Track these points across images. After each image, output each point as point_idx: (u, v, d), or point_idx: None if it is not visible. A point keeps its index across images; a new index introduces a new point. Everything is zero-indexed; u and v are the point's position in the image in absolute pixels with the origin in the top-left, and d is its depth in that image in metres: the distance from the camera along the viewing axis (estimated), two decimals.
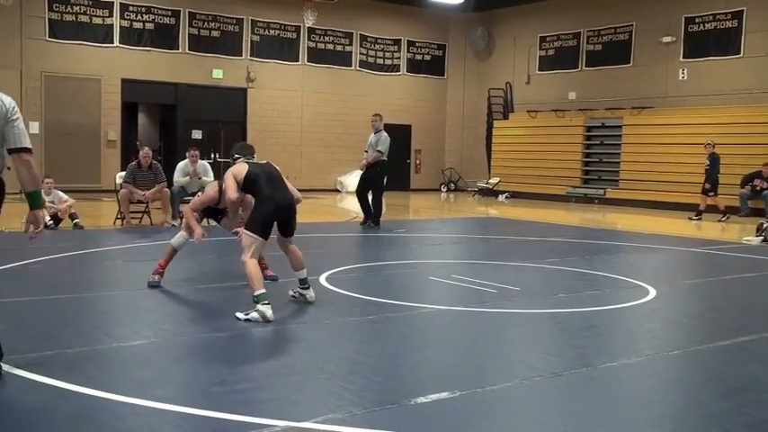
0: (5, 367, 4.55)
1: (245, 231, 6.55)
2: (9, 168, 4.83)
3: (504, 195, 23.64)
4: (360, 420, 3.91)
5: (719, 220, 16.36)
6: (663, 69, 21.96)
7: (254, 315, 6.00)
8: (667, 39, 21.76)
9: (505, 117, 25.86)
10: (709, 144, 17.12)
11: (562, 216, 17.70)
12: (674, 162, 20.08)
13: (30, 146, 4.77)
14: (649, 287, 8.03)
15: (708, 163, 17.06)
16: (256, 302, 6.05)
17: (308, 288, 6.80)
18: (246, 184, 6.63)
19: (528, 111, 24.84)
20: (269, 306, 6.05)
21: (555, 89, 24.70)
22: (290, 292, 6.92)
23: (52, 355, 4.96)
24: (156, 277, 7.37)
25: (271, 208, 6.60)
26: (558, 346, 5.70)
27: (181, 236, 7.37)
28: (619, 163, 21.94)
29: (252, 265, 6.28)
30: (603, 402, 4.43)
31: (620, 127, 21.99)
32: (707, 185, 17.03)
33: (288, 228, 6.84)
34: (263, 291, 6.15)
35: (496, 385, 4.62)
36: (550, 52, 25.24)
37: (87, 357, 5.07)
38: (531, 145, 23.90)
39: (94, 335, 5.74)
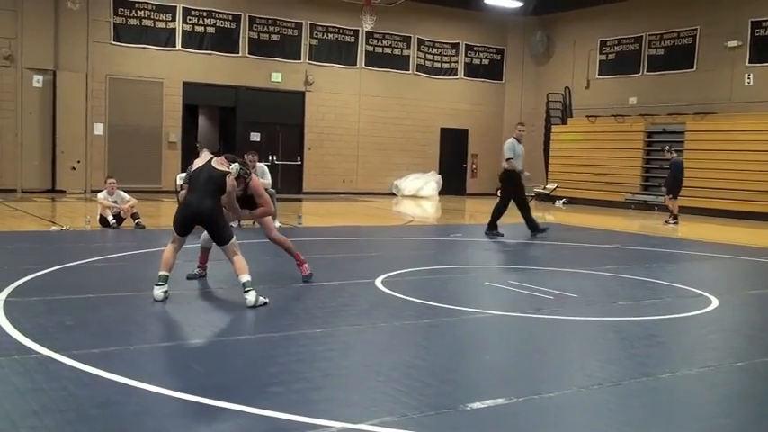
0: (70, 362, 4.67)
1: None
2: None
3: (561, 201, 23.37)
4: (415, 424, 3.90)
5: None
6: (728, 74, 21.46)
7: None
8: (733, 43, 21.25)
9: (564, 122, 25.57)
10: None
11: (621, 223, 17.42)
12: (738, 169, 19.60)
13: None
14: (711, 297, 7.84)
15: None
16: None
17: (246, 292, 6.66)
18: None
19: (587, 116, 24.51)
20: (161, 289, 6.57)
21: (615, 94, 24.33)
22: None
23: (115, 352, 5.07)
24: (197, 270, 7.81)
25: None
26: (616, 354, 5.61)
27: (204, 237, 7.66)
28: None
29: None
30: (663, 413, 4.34)
31: (683, 133, 21.55)
32: None
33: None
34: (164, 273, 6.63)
35: (554, 392, 4.56)
36: (611, 56, 24.88)
37: (149, 354, 5.18)
38: (590, 150, 23.58)
39: (155, 332, 5.86)
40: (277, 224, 13.41)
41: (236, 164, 7.08)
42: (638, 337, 6.12)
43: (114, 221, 12.41)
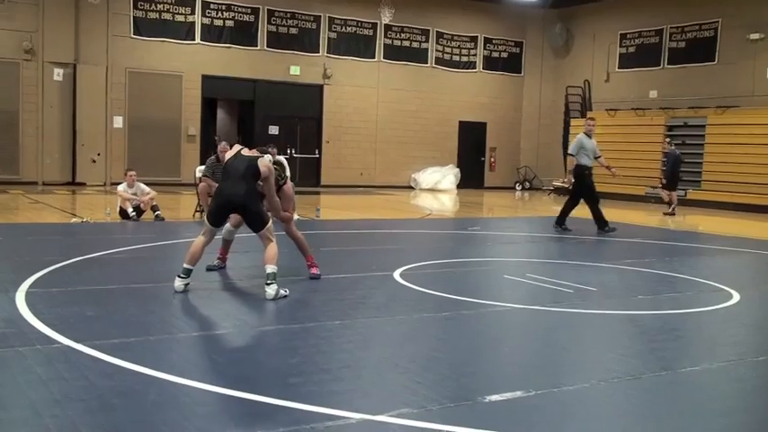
0: (91, 352, 4.72)
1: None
2: None
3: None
4: (433, 416, 3.90)
5: None
6: (750, 67, 21.23)
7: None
8: (755, 36, 21.01)
9: (583, 115, 25.32)
10: None
11: (641, 217, 17.30)
12: (759, 163, 19.39)
13: None
14: (732, 291, 7.77)
15: None
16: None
17: (268, 284, 6.63)
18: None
19: (607, 109, 24.33)
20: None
21: (635, 87, 24.16)
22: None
23: (136, 342, 5.11)
24: (217, 261, 7.85)
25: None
26: (636, 348, 5.58)
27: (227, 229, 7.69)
28: (701, 163, 21.29)
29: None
30: (684, 407, 4.32)
31: (704, 126, 21.35)
32: None
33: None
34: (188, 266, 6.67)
35: (573, 386, 4.55)
36: (631, 49, 24.70)
37: (169, 345, 5.21)
38: (610, 144, 23.29)
39: (175, 323, 5.90)
40: (296, 217, 13.47)
41: (269, 155, 7.17)
42: (658, 331, 6.09)
43: (134, 213, 12.49)
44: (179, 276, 6.65)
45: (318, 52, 23.79)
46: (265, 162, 6.91)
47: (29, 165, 20.19)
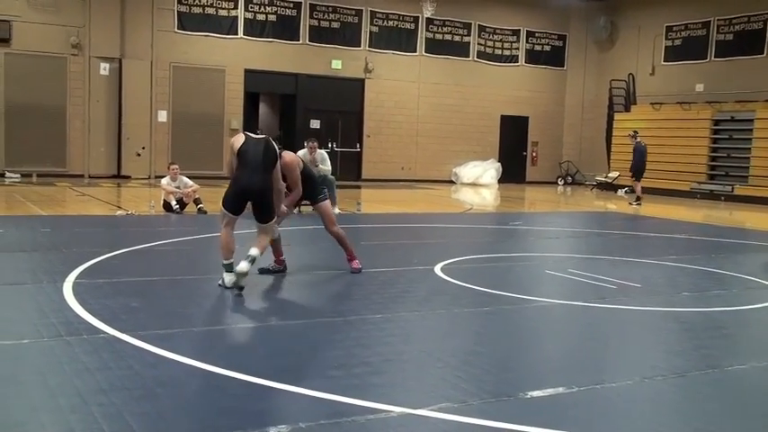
0: (137, 342, 4.79)
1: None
2: None
3: (623, 190, 22.91)
4: (474, 411, 3.89)
5: None
6: None
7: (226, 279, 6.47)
8: None
9: (627, 109, 25.06)
10: None
11: (685, 213, 17.03)
12: None
13: None
14: None
15: None
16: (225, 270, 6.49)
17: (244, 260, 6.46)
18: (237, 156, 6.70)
19: (651, 103, 23.97)
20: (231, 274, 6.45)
21: (681, 80, 23.75)
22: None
23: (179, 333, 5.18)
24: (273, 264, 7.51)
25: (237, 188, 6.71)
26: (681, 345, 5.49)
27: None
28: (749, 158, 20.86)
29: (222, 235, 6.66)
30: (730, 406, 4.24)
31: (752, 120, 20.91)
32: None
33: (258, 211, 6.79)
34: (229, 261, 6.49)
35: (616, 383, 4.49)
36: (677, 42, 24.28)
37: (211, 336, 5.27)
38: (655, 138, 22.99)
39: (217, 315, 5.96)
40: (337, 210, 13.51)
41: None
42: (703, 329, 5.99)
43: (177, 206, 12.64)
44: (226, 273, 6.53)
45: (360, 46, 23.80)
46: (292, 156, 6.88)
47: (76, 158, 20.55)
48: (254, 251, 6.51)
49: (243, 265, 6.34)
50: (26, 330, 5.07)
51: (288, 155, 7.25)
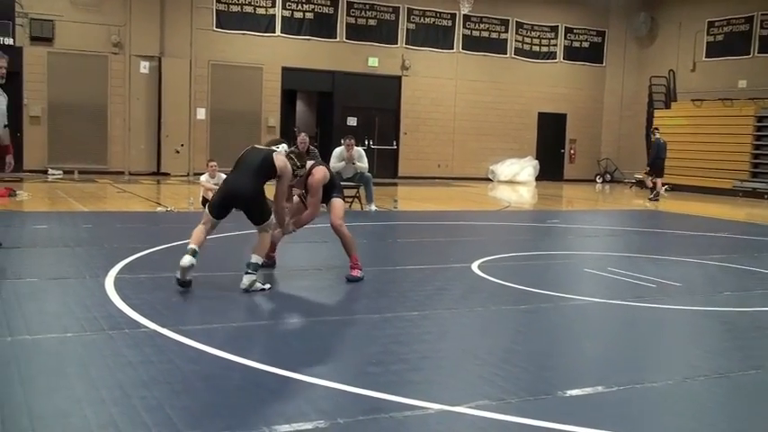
0: (176, 336, 4.85)
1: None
2: None
3: (663, 188, 22.64)
4: (512, 408, 3.87)
5: None
6: None
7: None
8: None
9: (667, 106, 24.73)
10: None
11: (727, 211, 16.76)
12: None
13: None
14: None
15: None
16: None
17: (247, 273, 6.43)
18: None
19: (693, 100, 23.62)
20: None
21: (723, 77, 23.37)
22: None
23: (218, 328, 5.23)
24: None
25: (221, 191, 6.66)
26: (723, 345, 5.41)
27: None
28: None
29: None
30: None
31: None
32: None
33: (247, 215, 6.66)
34: (192, 246, 6.33)
35: (657, 382, 4.44)
36: (719, 38, 23.90)
37: (250, 331, 5.32)
38: (696, 135, 22.73)
39: (255, 311, 6.01)
40: (373, 208, 13.55)
41: (284, 144, 6.83)
42: (745, 329, 5.89)
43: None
44: (187, 254, 6.33)
45: (397, 44, 23.80)
46: (281, 157, 6.59)
47: (116, 155, 20.86)
48: (254, 258, 6.45)
49: (244, 281, 6.34)
50: (70, 324, 5.17)
51: (317, 173, 6.87)
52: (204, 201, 12.85)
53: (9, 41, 18.73)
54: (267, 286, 6.51)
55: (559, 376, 4.56)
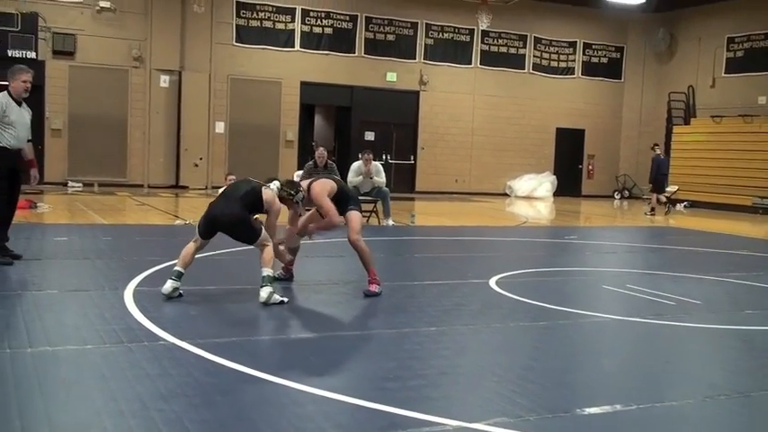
0: (194, 349, 4.87)
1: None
2: None
3: (682, 204, 22.53)
4: (531, 426, 3.85)
5: None
6: None
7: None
8: None
9: (686, 122, 24.63)
10: None
11: (747, 228, 16.62)
12: None
13: None
14: None
15: None
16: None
17: (262, 287, 6.47)
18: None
19: (712, 116, 23.50)
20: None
21: (743, 93, 23.24)
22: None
23: (237, 342, 5.24)
24: (280, 272, 7.41)
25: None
26: (745, 364, 5.36)
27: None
28: None
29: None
30: None
31: None
32: None
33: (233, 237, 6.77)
34: (178, 268, 6.52)
35: (676, 401, 4.40)
36: (739, 53, 23.80)
37: (268, 345, 5.33)
38: (715, 152, 22.60)
39: (273, 325, 6.02)
40: (390, 222, 13.56)
41: (277, 182, 6.86)
42: (767, 348, 5.82)
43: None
44: (170, 278, 6.48)
45: (415, 59, 23.88)
46: (270, 192, 6.67)
47: (136, 168, 21.02)
48: (265, 271, 6.48)
49: (262, 294, 6.36)
50: (89, 336, 5.20)
51: (314, 187, 6.90)
52: None
53: (32, 55, 19.00)
54: (285, 299, 6.53)
55: (578, 394, 4.53)
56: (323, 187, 6.94)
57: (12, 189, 7.99)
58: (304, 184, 7.07)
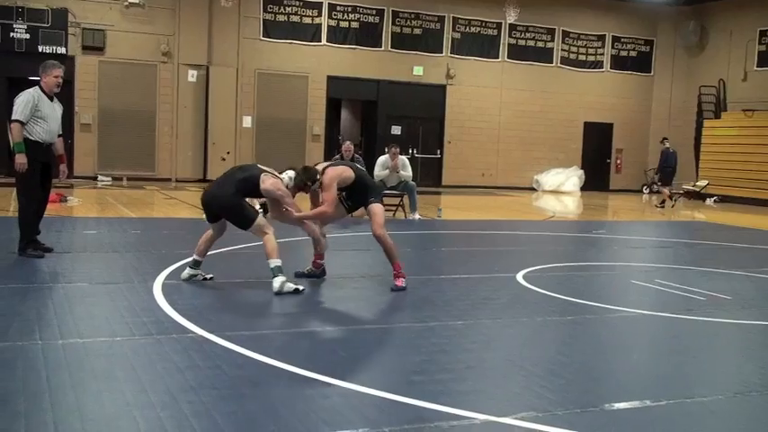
0: (223, 342, 4.90)
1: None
2: None
3: (712, 199, 22.26)
4: (560, 420, 3.83)
5: None
6: None
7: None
8: None
9: (717, 116, 24.32)
10: None
11: None
12: None
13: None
14: None
15: None
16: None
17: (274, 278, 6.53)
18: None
19: (743, 110, 23.18)
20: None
21: None
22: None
23: (264, 335, 5.27)
24: (309, 268, 7.45)
25: None
26: None
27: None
28: None
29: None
30: None
31: None
32: None
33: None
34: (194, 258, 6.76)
35: (707, 397, 4.35)
36: None
37: (295, 338, 5.34)
38: (746, 146, 22.30)
39: (301, 318, 6.04)
40: (417, 216, 13.54)
41: (291, 171, 6.92)
42: None
43: (261, 210, 12.85)
44: (188, 267, 6.89)
45: (442, 53, 23.80)
46: (270, 180, 6.67)
47: (164, 162, 21.19)
48: (271, 263, 6.53)
49: (275, 284, 6.45)
50: (119, 328, 5.25)
51: (328, 171, 6.86)
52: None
53: (62, 51, 19.23)
54: (301, 287, 6.59)
55: (606, 389, 4.50)
56: (336, 173, 6.86)
57: (44, 183, 8.10)
58: (320, 167, 7.03)
